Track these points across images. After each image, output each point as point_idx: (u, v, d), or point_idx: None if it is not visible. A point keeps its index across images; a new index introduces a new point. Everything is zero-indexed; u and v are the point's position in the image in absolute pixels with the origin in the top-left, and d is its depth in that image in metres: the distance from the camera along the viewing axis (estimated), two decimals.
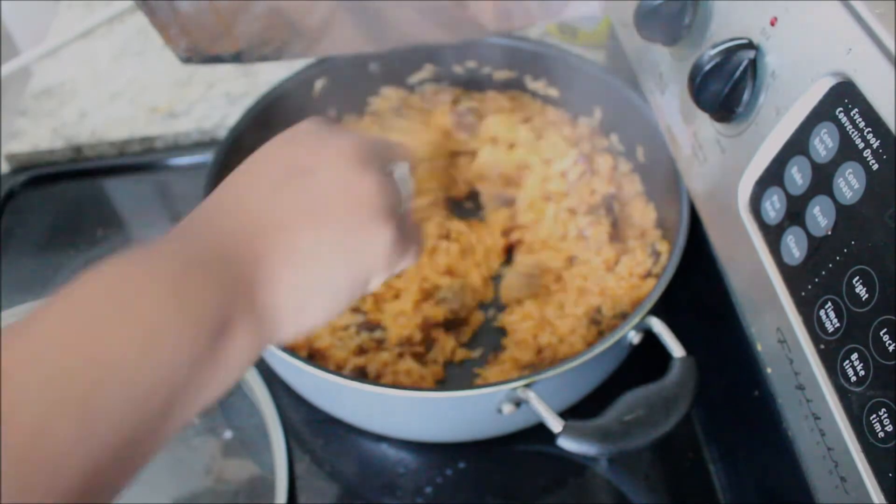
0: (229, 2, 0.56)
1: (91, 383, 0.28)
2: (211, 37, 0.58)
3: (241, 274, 0.34)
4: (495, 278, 0.67)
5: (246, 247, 0.35)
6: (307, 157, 0.39)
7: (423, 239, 0.44)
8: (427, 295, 0.64)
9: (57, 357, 0.28)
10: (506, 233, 0.69)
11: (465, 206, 0.73)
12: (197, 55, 0.59)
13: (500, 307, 0.66)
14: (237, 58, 0.60)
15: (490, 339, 0.64)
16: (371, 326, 0.62)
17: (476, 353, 0.63)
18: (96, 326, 0.29)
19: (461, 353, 0.63)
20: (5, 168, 0.82)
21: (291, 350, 0.53)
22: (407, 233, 0.41)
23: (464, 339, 0.64)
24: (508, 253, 0.69)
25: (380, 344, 0.61)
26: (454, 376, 0.62)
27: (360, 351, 0.61)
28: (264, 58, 0.61)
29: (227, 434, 0.61)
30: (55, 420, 0.27)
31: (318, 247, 0.37)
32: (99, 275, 0.31)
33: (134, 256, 0.32)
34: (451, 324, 0.63)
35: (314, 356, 0.60)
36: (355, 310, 0.63)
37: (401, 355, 0.60)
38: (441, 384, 0.61)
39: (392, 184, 0.41)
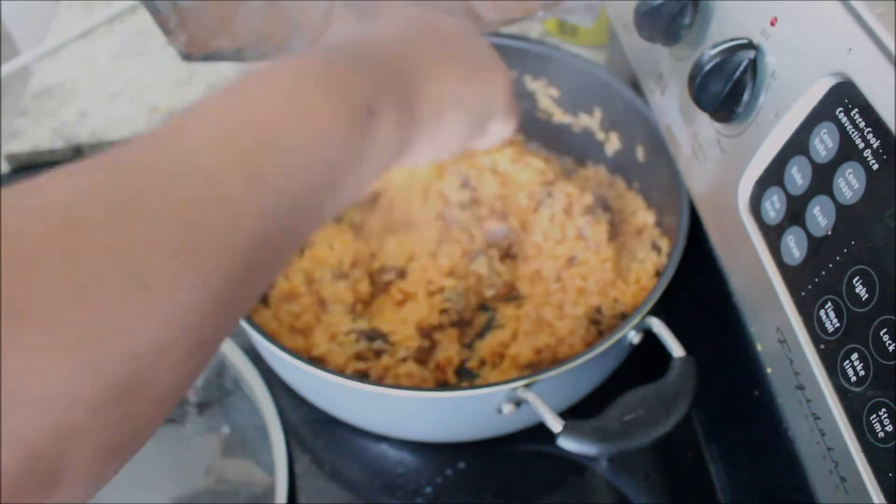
0: None
1: (254, 143, 0.29)
2: (210, 31, 0.58)
3: (387, 71, 0.37)
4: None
5: (391, 56, 0.39)
6: (458, 32, 0.45)
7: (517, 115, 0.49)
8: (431, 297, 0.64)
9: (220, 122, 0.30)
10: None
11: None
12: (197, 51, 0.59)
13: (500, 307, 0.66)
14: (237, 55, 0.60)
15: (491, 339, 0.64)
16: (372, 336, 0.62)
17: (476, 355, 0.63)
18: (254, 102, 0.31)
19: (463, 354, 0.63)
20: (5, 168, 0.82)
21: (291, 350, 0.53)
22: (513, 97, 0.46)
23: (466, 340, 0.64)
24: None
25: (379, 354, 0.61)
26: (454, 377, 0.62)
27: (359, 357, 0.61)
28: (264, 55, 0.61)
29: (227, 433, 0.61)
30: (225, 170, 0.28)
31: (456, 68, 0.42)
32: (256, 70, 0.33)
33: (286, 57, 0.35)
34: (455, 325, 0.63)
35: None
36: (356, 317, 0.63)
37: (403, 359, 0.60)
38: (441, 385, 0.61)
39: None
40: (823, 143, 0.35)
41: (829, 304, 0.34)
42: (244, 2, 0.57)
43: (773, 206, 0.39)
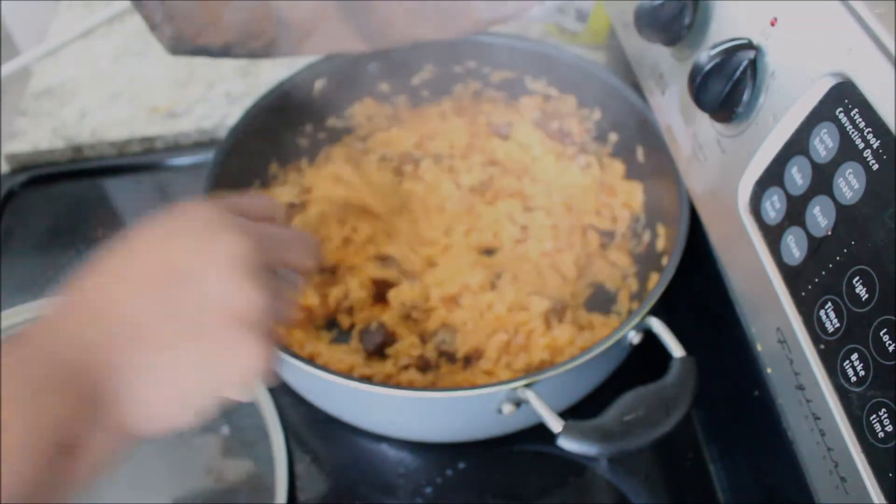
0: None
1: None
2: (198, 26, 0.58)
3: (94, 388, 0.33)
4: None
5: (104, 358, 0.34)
6: (187, 257, 0.36)
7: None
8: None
9: None
10: None
11: None
12: (183, 45, 0.59)
13: None
14: (225, 51, 0.60)
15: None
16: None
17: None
18: None
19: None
20: (5, 168, 0.82)
21: (292, 350, 0.53)
22: (272, 349, 0.38)
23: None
24: None
25: (383, 357, 0.61)
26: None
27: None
28: (252, 53, 0.60)
29: (227, 433, 0.61)
30: None
31: (177, 365, 0.35)
32: None
33: None
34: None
35: None
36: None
37: (405, 367, 0.60)
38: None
39: (277, 293, 0.38)
40: (823, 143, 0.35)
41: (829, 304, 0.34)
42: None
43: (773, 206, 0.39)
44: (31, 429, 0.31)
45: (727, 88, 0.41)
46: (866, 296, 0.32)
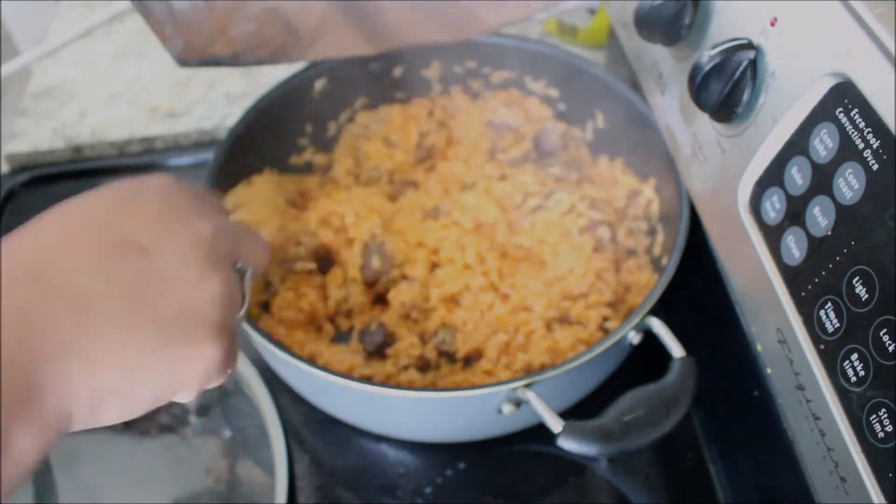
0: (225, 1, 0.56)
1: None
2: (206, 37, 0.58)
3: (26, 376, 0.28)
4: None
5: (44, 337, 0.29)
6: (149, 233, 0.32)
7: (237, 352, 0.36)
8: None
9: None
10: None
11: None
12: (193, 57, 0.59)
13: None
14: (234, 60, 0.60)
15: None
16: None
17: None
18: None
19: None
20: (5, 168, 0.82)
21: (292, 351, 0.53)
22: (233, 346, 0.34)
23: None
24: None
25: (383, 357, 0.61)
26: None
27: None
28: (261, 61, 0.61)
29: (227, 434, 0.61)
30: None
31: (127, 351, 0.30)
32: None
33: None
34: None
35: None
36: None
37: (405, 367, 0.60)
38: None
39: (237, 288, 0.34)
40: (823, 144, 0.35)
41: (829, 304, 0.34)
42: (241, 9, 0.57)
43: (773, 206, 0.39)
44: None
45: (727, 88, 0.41)
46: (866, 296, 0.32)
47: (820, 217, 0.35)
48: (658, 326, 0.53)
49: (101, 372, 0.30)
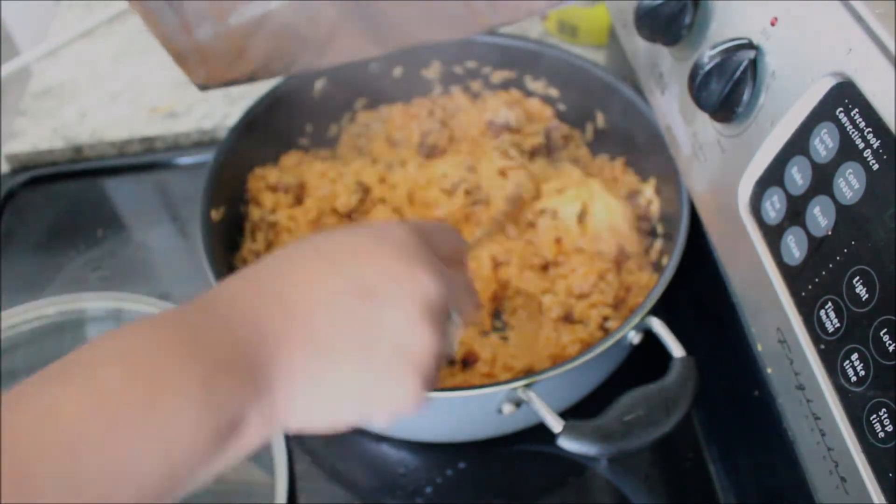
0: (243, 25, 0.57)
1: (107, 487, 0.28)
2: (226, 62, 0.59)
3: (259, 373, 0.33)
4: None
5: (274, 348, 0.33)
6: (380, 279, 0.36)
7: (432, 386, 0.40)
8: None
9: (76, 455, 0.27)
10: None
11: None
12: (215, 81, 0.60)
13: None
14: (250, 78, 0.61)
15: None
16: None
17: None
18: (119, 426, 0.28)
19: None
20: (5, 168, 0.82)
21: None
22: (429, 387, 0.38)
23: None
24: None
25: None
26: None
27: None
28: (275, 73, 0.61)
29: None
30: (43, 477, 0.26)
31: (345, 379, 0.35)
32: (125, 356, 0.30)
33: (163, 336, 0.31)
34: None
35: None
36: None
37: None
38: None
39: (443, 341, 0.38)
40: (823, 144, 0.35)
41: (830, 304, 0.34)
42: (257, 30, 0.57)
43: (774, 206, 0.39)
44: (204, 405, 0.30)
45: (727, 88, 0.41)
46: (866, 296, 0.32)
47: (820, 217, 0.35)
48: (658, 326, 0.53)
49: (312, 390, 0.35)
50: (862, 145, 0.33)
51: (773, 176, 0.39)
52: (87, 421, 0.28)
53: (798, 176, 0.37)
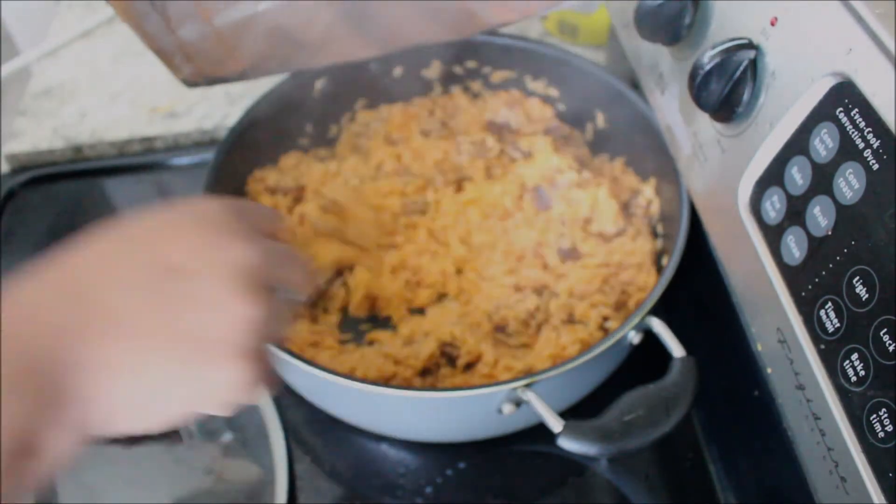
0: (231, 25, 0.56)
1: None
2: (215, 61, 0.58)
3: (55, 383, 0.30)
4: None
5: (72, 348, 0.30)
6: (185, 256, 0.33)
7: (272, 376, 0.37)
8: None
9: None
10: None
11: None
12: (201, 78, 0.60)
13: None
14: (241, 76, 0.60)
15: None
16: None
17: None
18: None
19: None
20: (5, 168, 0.82)
21: (292, 350, 0.53)
22: (263, 370, 0.35)
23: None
24: None
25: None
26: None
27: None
28: (268, 73, 0.61)
29: (228, 435, 0.61)
30: None
31: (148, 366, 0.32)
32: None
33: None
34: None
35: None
36: None
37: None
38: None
39: (272, 315, 0.35)
40: (823, 143, 0.35)
41: (830, 304, 0.34)
42: (248, 28, 0.57)
43: (774, 206, 0.39)
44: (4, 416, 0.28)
45: (727, 88, 0.41)
46: (866, 296, 0.32)
47: (820, 217, 0.35)
48: (658, 326, 0.53)
49: (121, 385, 0.32)
50: (862, 145, 0.33)
51: (773, 176, 0.39)
52: None
53: (798, 176, 0.37)
